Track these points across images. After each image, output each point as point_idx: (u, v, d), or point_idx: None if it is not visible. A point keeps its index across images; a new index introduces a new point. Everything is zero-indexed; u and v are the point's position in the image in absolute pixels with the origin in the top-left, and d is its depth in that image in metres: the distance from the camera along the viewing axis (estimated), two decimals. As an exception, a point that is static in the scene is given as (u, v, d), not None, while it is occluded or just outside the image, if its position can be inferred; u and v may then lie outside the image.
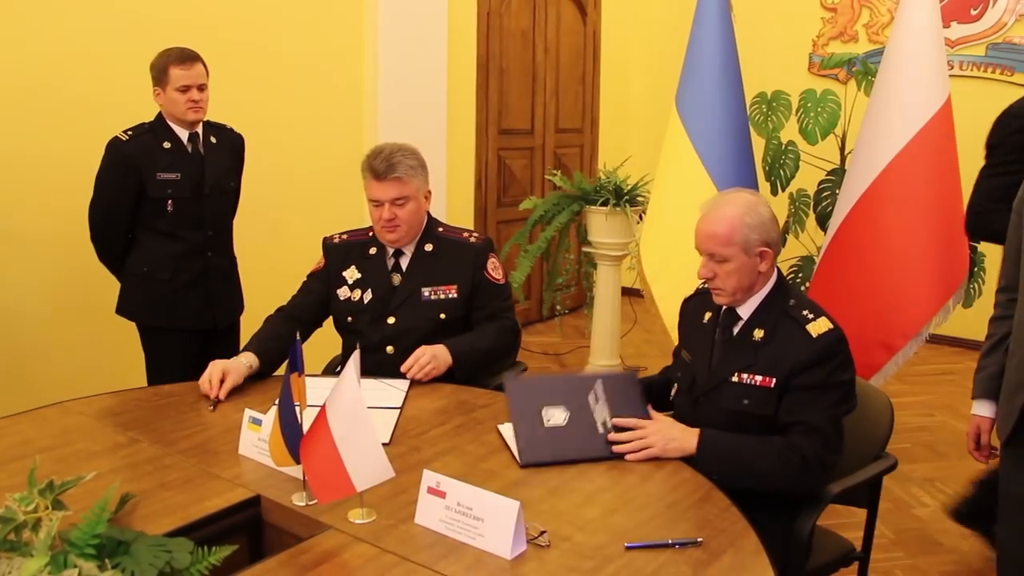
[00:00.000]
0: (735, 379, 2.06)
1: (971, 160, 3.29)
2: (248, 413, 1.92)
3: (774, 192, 4.12)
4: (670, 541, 1.57)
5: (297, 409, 1.67)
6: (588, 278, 5.07)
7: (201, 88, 3.01)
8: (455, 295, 2.57)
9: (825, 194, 3.98)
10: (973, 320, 4.43)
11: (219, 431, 2.06)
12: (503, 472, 1.87)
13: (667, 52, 5.69)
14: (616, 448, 1.96)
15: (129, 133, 3.01)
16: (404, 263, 2.60)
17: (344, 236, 2.69)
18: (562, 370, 5.28)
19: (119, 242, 3.09)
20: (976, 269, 3.73)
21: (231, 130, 3.26)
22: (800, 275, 4.04)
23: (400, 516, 1.64)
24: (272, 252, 4.09)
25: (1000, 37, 5.60)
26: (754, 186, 3.72)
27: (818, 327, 2.02)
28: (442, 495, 1.59)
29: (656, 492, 1.80)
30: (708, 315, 2.21)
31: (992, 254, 3.80)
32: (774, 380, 2.01)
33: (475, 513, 1.54)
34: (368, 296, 2.58)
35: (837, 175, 3.92)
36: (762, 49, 5.52)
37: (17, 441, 1.98)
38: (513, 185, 6.01)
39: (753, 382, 2.04)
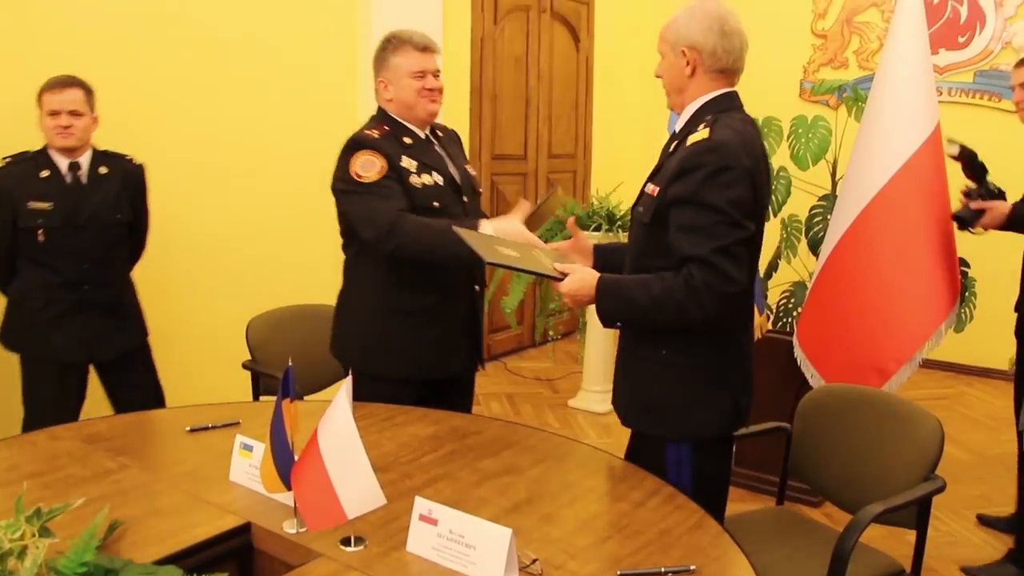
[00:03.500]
0: (646, 189, 2.08)
1: (961, 185, 3.32)
2: (239, 439, 1.91)
3: (766, 218, 4.13)
4: (663, 569, 1.56)
5: (288, 435, 1.66)
6: (581, 303, 5.07)
7: (73, 114, 2.94)
8: (474, 171, 2.78)
9: (817, 219, 3.99)
10: (965, 345, 4.45)
11: (210, 457, 2.04)
12: (495, 499, 1.86)
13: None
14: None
15: (8, 159, 2.96)
16: (436, 147, 2.66)
17: (373, 131, 2.56)
18: (551, 388, 5.28)
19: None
20: (967, 294, 3.74)
21: (129, 160, 3.16)
22: (792, 300, 4.05)
23: (392, 544, 1.63)
24: (266, 262, 4.13)
25: (987, 64, 5.66)
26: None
27: (696, 136, 1.95)
28: (434, 522, 1.58)
29: (649, 519, 1.79)
30: None
31: (983, 279, 3.82)
32: (658, 188, 2.01)
33: (467, 541, 1.53)
34: (439, 178, 2.58)
35: (829, 200, 3.94)
36: (753, 75, 5.50)
37: (4, 467, 1.96)
38: (506, 210, 5.95)
39: (649, 191, 2.05)
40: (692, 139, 1.95)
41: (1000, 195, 3.26)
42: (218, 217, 4.04)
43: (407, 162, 2.53)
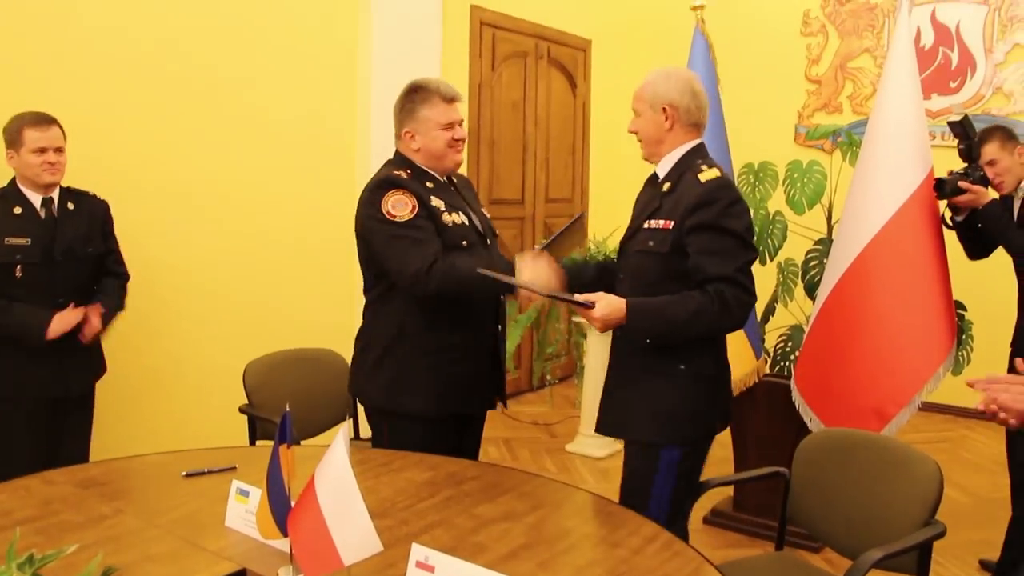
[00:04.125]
0: (646, 225, 2.37)
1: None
2: (235, 484, 1.90)
3: (762, 262, 4.15)
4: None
5: (285, 480, 1.65)
6: (578, 348, 5.07)
7: (58, 151, 2.99)
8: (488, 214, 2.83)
9: (813, 263, 4.01)
10: (963, 387, 4.44)
11: (206, 502, 2.03)
12: (492, 546, 1.84)
13: (655, 123, 5.77)
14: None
15: None
16: (454, 190, 2.71)
17: (402, 173, 2.56)
18: (548, 432, 5.26)
19: None
20: (964, 336, 3.75)
21: (93, 196, 3.20)
22: (789, 343, 4.05)
23: (388, 590, 1.61)
24: (263, 305, 4.13)
25: (979, 108, 5.73)
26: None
27: (707, 175, 2.29)
28: (431, 569, 1.57)
29: (647, 566, 1.77)
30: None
31: (979, 321, 3.83)
32: (672, 223, 2.29)
33: (464, 587, 1.52)
34: (464, 218, 2.62)
35: (824, 244, 3.96)
36: (749, 120, 5.61)
37: (-2, 513, 1.95)
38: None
39: (658, 226, 2.33)
40: (704, 177, 2.28)
41: (985, 181, 3.36)
42: (215, 260, 4.05)
43: (436, 201, 2.55)
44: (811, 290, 3.92)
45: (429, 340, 2.56)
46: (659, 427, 2.35)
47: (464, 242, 2.56)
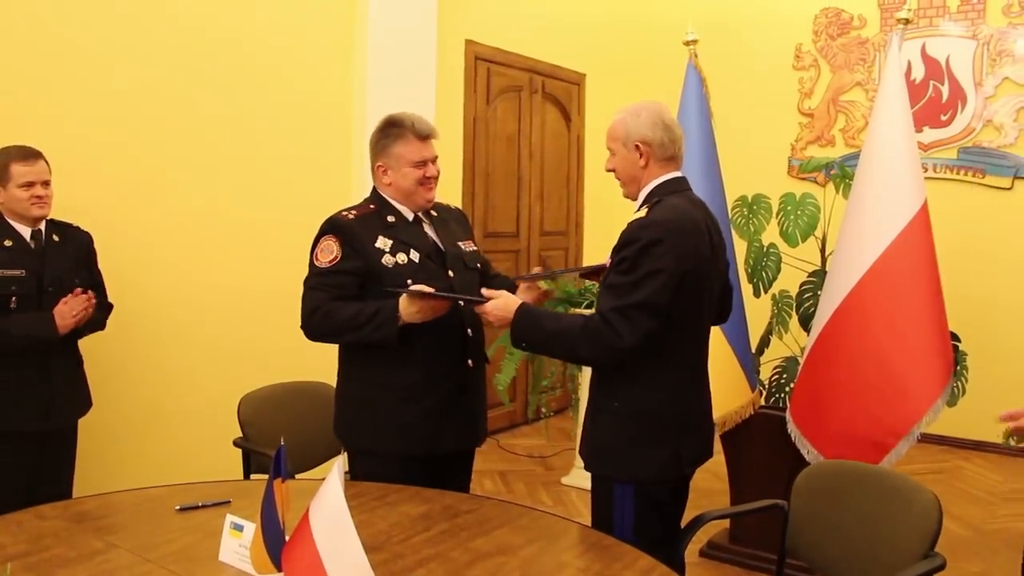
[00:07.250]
0: (607, 262, 2.36)
1: (949, 259, 3.36)
2: (230, 518, 1.89)
3: (756, 294, 4.17)
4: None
5: (280, 515, 1.64)
6: (573, 380, 5.06)
7: (45, 184, 3.00)
8: (475, 247, 2.81)
9: (807, 295, 4.02)
10: (958, 418, 4.44)
11: (200, 537, 2.02)
12: (488, 579, 1.83)
13: (649, 156, 5.81)
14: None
15: None
16: (425, 226, 2.69)
17: (352, 212, 2.62)
18: (544, 465, 5.24)
19: None
20: (959, 367, 3.75)
21: (77, 228, 3.21)
22: (785, 375, 4.05)
23: (383, 626, 1.60)
24: (258, 338, 4.12)
25: (970, 141, 5.79)
26: (737, 288, 3.76)
27: (637, 215, 2.29)
28: (426, 603, 1.56)
29: (645, 599, 1.76)
30: None
31: (974, 352, 3.83)
32: (610, 260, 2.29)
33: (460, 622, 1.51)
34: (415, 255, 2.58)
35: (818, 276, 3.97)
36: (742, 154, 5.66)
37: (-10, 548, 1.93)
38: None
39: (607, 263, 2.32)
40: (633, 217, 2.29)
41: None
42: (210, 291, 4.05)
43: (382, 242, 2.56)
44: (805, 322, 3.92)
45: (387, 378, 2.57)
46: (604, 462, 2.36)
47: (409, 281, 2.51)
